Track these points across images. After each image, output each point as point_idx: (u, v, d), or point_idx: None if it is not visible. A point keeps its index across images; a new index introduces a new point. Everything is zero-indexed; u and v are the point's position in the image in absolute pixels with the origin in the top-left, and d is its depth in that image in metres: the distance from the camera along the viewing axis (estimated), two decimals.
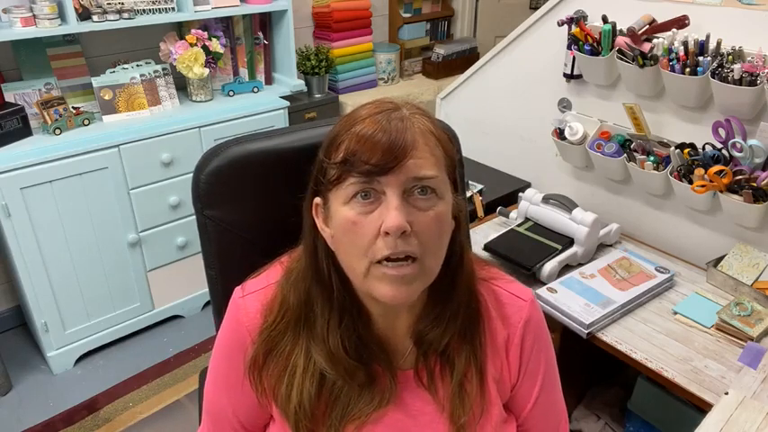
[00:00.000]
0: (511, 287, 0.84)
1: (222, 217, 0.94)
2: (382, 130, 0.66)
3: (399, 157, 0.65)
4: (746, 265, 1.52)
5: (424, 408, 0.78)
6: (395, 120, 0.67)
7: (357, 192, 0.67)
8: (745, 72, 1.37)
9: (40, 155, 1.90)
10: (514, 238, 1.69)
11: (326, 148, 0.71)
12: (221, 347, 0.83)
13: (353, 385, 0.75)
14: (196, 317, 2.49)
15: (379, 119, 0.67)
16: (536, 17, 1.89)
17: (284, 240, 0.81)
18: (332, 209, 0.70)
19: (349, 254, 0.69)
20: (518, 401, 0.86)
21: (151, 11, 2.16)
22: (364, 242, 0.67)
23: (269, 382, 0.77)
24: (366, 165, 0.65)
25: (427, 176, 0.67)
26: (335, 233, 0.70)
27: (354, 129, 0.67)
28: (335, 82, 2.99)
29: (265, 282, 0.80)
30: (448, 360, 0.78)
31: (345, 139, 0.68)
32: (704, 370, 1.28)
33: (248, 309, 0.79)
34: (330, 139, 0.71)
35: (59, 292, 2.07)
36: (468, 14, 3.57)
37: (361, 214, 0.67)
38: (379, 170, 0.65)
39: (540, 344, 0.84)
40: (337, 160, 0.68)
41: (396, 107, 0.69)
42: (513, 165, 2.15)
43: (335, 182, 0.68)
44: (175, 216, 2.28)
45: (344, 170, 0.67)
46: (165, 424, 1.99)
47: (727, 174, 1.45)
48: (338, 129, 0.70)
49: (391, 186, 0.66)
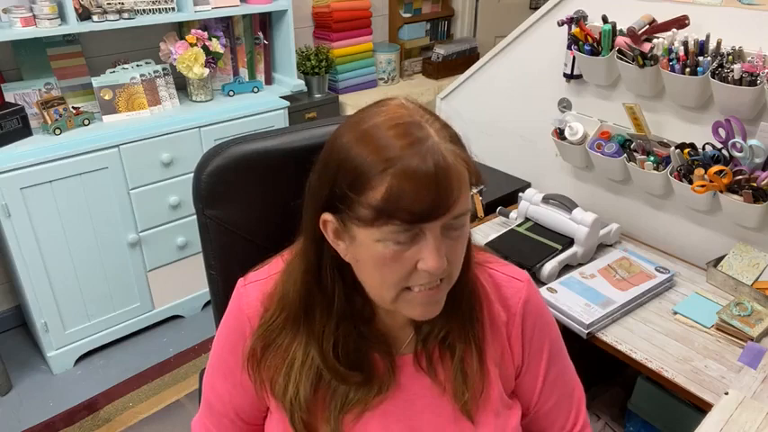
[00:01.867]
0: (506, 269, 0.85)
1: (223, 217, 0.94)
2: (428, 174, 0.61)
3: (448, 205, 0.63)
4: (746, 265, 1.52)
5: (423, 391, 0.79)
6: (434, 154, 0.62)
7: (395, 235, 0.63)
8: (745, 72, 1.37)
9: (40, 155, 1.90)
10: (514, 238, 1.69)
11: (352, 181, 0.63)
12: (223, 334, 0.84)
13: (350, 384, 0.76)
14: (196, 317, 2.49)
15: (418, 156, 0.61)
16: (536, 17, 1.89)
17: (285, 240, 0.82)
18: (358, 238, 0.66)
19: (377, 283, 0.69)
20: (527, 383, 0.86)
21: (151, 11, 2.16)
22: (398, 277, 0.67)
23: (267, 374, 0.78)
24: (411, 214, 0.61)
25: (464, 212, 0.66)
26: (361, 260, 0.68)
27: (394, 169, 0.61)
28: (335, 82, 2.99)
29: (266, 273, 0.81)
30: (448, 344, 0.78)
31: (383, 180, 0.61)
32: (704, 370, 1.27)
33: (249, 296, 0.80)
34: (355, 170, 0.63)
35: (59, 292, 2.07)
36: (468, 14, 3.57)
37: (397, 252, 0.65)
38: (425, 218, 0.62)
39: (542, 321, 0.85)
40: (374, 204, 0.62)
41: (421, 128, 0.64)
42: (513, 165, 2.15)
43: (368, 222, 0.63)
44: (175, 216, 2.28)
45: (383, 215, 0.62)
46: (165, 424, 1.99)
47: (727, 174, 1.45)
48: (365, 160, 0.62)
49: (432, 227, 0.64)
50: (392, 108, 0.66)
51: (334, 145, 0.67)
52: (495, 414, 0.80)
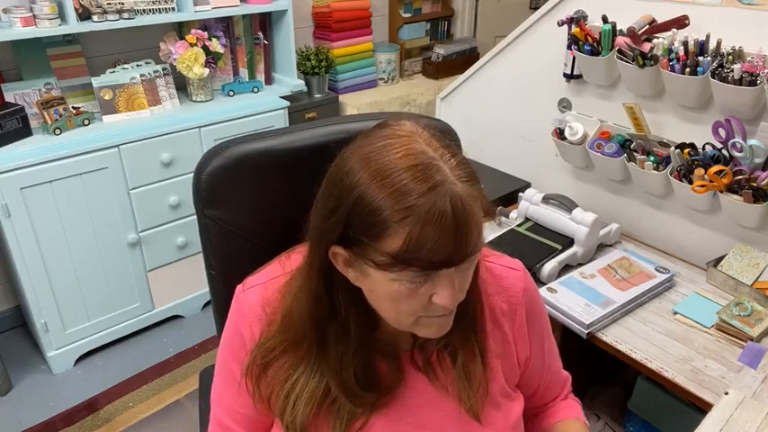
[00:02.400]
0: (502, 261, 0.86)
1: (223, 217, 0.94)
2: (448, 224, 0.59)
3: (467, 252, 0.62)
4: (746, 265, 1.52)
5: (425, 388, 0.79)
6: (454, 199, 0.59)
7: (412, 278, 0.63)
8: (745, 72, 1.37)
9: (40, 155, 1.90)
10: (514, 238, 1.69)
11: (368, 227, 0.60)
12: (226, 343, 0.83)
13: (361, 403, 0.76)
14: (196, 317, 2.49)
15: (437, 204, 0.59)
16: (536, 17, 1.89)
17: (285, 239, 0.82)
18: (371, 275, 0.65)
19: (392, 313, 0.69)
20: (534, 362, 0.89)
21: (151, 11, 2.16)
22: (414, 309, 0.67)
23: (265, 392, 0.77)
24: (431, 263, 0.61)
25: (479, 249, 0.65)
26: (374, 293, 0.68)
27: (412, 218, 0.58)
28: (335, 82, 2.99)
29: (265, 278, 0.81)
30: (447, 344, 0.79)
31: (401, 228, 0.59)
32: (704, 370, 1.28)
33: (250, 301, 0.79)
34: (371, 214, 0.60)
35: (59, 292, 2.07)
36: (468, 14, 3.57)
37: (413, 289, 0.64)
38: (444, 266, 0.62)
39: (538, 304, 0.89)
40: (392, 252, 0.60)
41: (436, 167, 0.60)
42: (513, 165, 2.15)
43: (385, 267, 0.62)
44: (175, 216, 2.28)
45: (400, 262, 0.61)
46: (165, 424, 1.99)
47: (727, 174, 1.45)
48: (381, 204, 0.59)
49: (449, 269, 0.63)
50: (404, 140, 0.63)
51: (345, 181, 0.62)
52: (495, 407, 0.81)
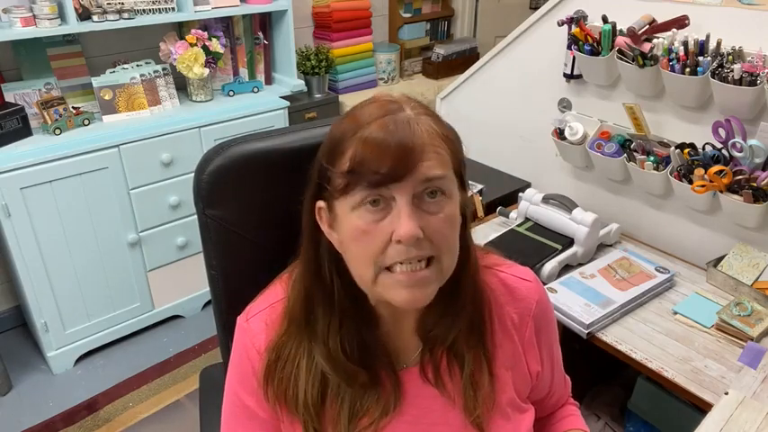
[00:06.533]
0: (514, 270, 0.85)
1: (223, 216, 0.94)
2: (390, 135, 0.63)
3: (409, 165, 0.63)
4: (746, 265, 1.52)
5: (432, 404, 0.78)
6: (401, 122, 0.64)
7: (365, 200, 0.65)
8: (745, 72, 1.37)
9: (40, 155, 1.90)
10: (514, 238, 1.69)
11: (329, 154, 0.68)
12: (234, 374, 0.81)
13: (356, 387, 0.74)
14: (196, 317, 2.49)
15: (385, 122, 0.64)
16: (536, 17, 1.89)
17: (285, 239, 0.81)
18: (339, 215, 0.68)
19: (357, 261, 0.69)
20: (545, 371, 0.88)
21: (151, 11, 2.16)
22: (374, 250, 0.66)
23: (280, 389, 0.76)
24: (375, 174, 0.63)
25: (436, 176, 0.65)
26: (343, 240, 0.69)
27: (360, 134, 0.64)
28: (335, 82, 2.99)
29: (266, 303, 0.79)
30: (456, 353, 0.77)
31: (351, 145, 0.65)
32: (704, 370, 1.28)
33: (253, 331, 0.78)
34: (332, 143, 0.68)
35: (59, 292, 2.07)
36: (468, 14, 3.57)
37: (371, 222, 0.65)
38: (389, 179, 0.63)
39: (549, 314, 0.88)
40: (344, 169, 0.65)
41: (399, 107, 0.67)
42: (513, 165, 2.15)
43: (342, 191, 0.66)
44: (175, 216, 2.28)
45: (352, 180, 0.64)
46: (165, 424, 1.99)
47: (727, 174, 1.45)
48: (341, 132, 0.67)
49: (401, 192, 0.64)
50: (384, 95, 0.70)
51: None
52: (505, 419, 0.79)
